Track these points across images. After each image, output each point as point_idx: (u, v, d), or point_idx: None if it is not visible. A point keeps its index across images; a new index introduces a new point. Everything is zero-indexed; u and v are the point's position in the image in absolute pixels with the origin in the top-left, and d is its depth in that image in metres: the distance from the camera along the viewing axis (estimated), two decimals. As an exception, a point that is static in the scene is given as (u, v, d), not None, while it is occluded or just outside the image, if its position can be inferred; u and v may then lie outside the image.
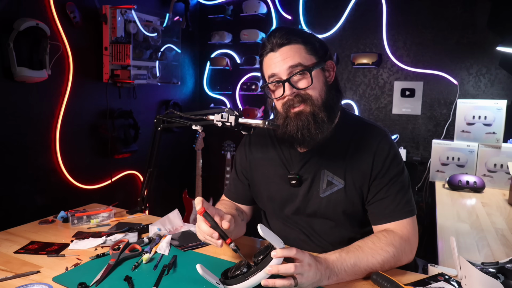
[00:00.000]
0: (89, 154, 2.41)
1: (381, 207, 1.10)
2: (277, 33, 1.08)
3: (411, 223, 1.09)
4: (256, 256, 0.88)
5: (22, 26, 1.85)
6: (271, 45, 1.09)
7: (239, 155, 1.35)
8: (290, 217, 1.21)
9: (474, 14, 2.42)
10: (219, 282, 0.89)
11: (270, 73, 1.10)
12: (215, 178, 3.30)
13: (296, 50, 1.07)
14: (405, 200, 1.09)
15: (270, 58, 1.09)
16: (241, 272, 0.87)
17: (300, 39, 1.08)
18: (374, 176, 1.11)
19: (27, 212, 2.02)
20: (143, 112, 2.75)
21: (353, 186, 1.12)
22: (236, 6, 3.11)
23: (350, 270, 0.96)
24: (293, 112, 1.09)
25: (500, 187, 2.18)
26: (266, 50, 1.10)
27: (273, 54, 1.09)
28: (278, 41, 1.07)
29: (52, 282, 0.97)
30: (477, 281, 0.86)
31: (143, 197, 1.62)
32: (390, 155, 1.11)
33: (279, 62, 1.07)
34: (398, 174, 1.11)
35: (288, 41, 1.07)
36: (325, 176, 1.15)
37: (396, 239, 1.04)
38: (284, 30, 1.09)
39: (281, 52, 1.07)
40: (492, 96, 2.42)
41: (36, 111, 2.07)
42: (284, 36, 1.07)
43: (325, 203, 1.14)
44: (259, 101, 3.15)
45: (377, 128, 1.16)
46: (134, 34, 2.43)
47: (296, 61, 1.06)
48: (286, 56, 1.07)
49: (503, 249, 1.31)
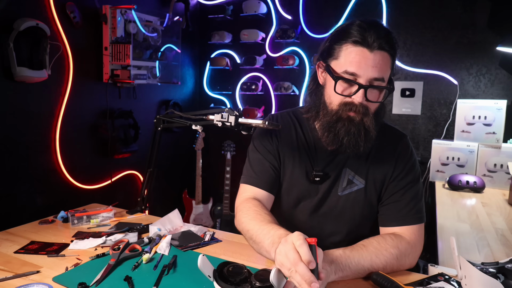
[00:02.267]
0: (89, 154, 2.41)
1: (394, 210, 1.10)
2: (379, 33, 0.98)
3: (419, 230, 1.09)
4: (256, 278, 0.85)
5: (22, 26, 1.85)
6: (367, 40, 0.97)
7: (261, 134, 1.22)
8: (304, 214, 1.18)
9: (474, 14, 2.42)
10: (211, 275, 0.89)
11: (351, 69, 0.99)
12: (215, 178, 3.30)
13: (387, 62, 1.00)
14: (418, 207, 1.10)
15: (360, 54, 0.98)
16: (235, 282, 0.87)
17: (393, 49, 1.01)
18: (394, 178, 1.11)
19: (27, 212, 2.02)
20: (143, 112, 2.75)
21: (373, 186, 1.13)
22: (236, 6, 3.11)
23: (354, 268, 0.95)
24: (348, 116, 1.03)
25: (500, 187, 2.18)
26: (357, 39, 0.98)
27: (366, 53, 0.97)
28: (379, 42, 0.97)
29: (52, 282, 0.97)
30: (477, 281, 0.86)
31: (143, 197, 1.62)
32: (410, 161, 1.13)
33: (368, 66, 0.98)
34: (415, 181, 1.12)
35: (387, 47, 0.98)
36: (346, 175, 1.14)
37: (402, 243, 1.03)
38: (385, 32, 0.99)
39: (375, 55, 0.97)
40: (492, 96, 2.42)
41: (36, 111, 2.07)
42: (386, 40, 0.98)
43: (343, 202, 1.14)
44: (259, 101, 3.15)
45: (399, 132, 1.18)
46: (134, 34, 2.43)
47: (382, 75, 0.99)
48: (377, 63, 0.98)
49: (503, 249, 1.31)
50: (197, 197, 3.02)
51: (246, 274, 0.89)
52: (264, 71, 3.12)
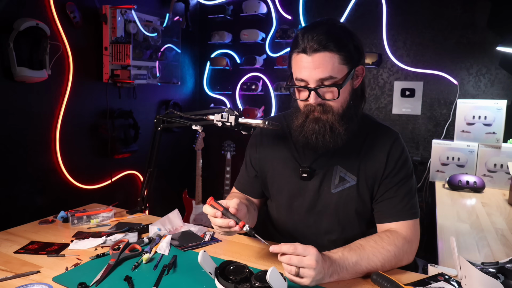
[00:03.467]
0: (89, 154, 2.41)
1: (389, 206, 1.12)
2: (314, 35, 1.00)
3: (414, 225, 1.11)
4: (256, 279, 0.86)
5: (22, 26, 1.85)
6: (304, 46, 1.01)
7: (249, 145, 1.33)
8: (299, 213, 1.21)
9: (474, 14, 2.42)
10: (212, 272, 0.89)
11: (298, 76, 1.05)
12: (215, 178, 3.30)
13: (329, 60, 1.01)
14: (412, 202, 1.12)
15: (301, 60, 1.03)
16: (236, 280, 0.87)
17: (336, 46, 1.00)
18: (386, 175, 1.13)
19: (27, 212, 2.02)
20: (143, 112, 2.75)
21: (365, 183, 1.14)
22: (236, 6, 3.11)
23: (352, 269, 0.97)
24: (313, 116, 1.08)
25: (500, 187, 2.18)
26: (298, 49, 1.03)
27: (305, 58, 1.02)
28: (312, 45, 1.00)
29: (52, 282, 0.97)
30: (477, 281, 0.86)
31: (143, 197, 1.62)
32: (402, 157, 1.14)
33: (310, 69, 1.02)
34: (408, 177, 1.14)
35: (323, 47, 1.00)
36: (337, 172, 1.16)
37: (399, 239, 1.05)
38: (321, 32, 1.00)
39: (313, 58, 1.01)
40: (492, 96, 2.42)
41: (36, 111, 2.07)
42: (320, 41, 0.99)
43: (336, 199, 1.15)
44: (259, 101, 3.15)
45: (392, 130, 1.19)
46: (134, 34, 2.43)
47: (327, 74, 1.01)
48: (318, 65, 1.01)
49: (503, 249, 1.31)
50: (197, 197, 3.02)
51: (247, 274, 0.90)
52: (264, 71, 3.12)
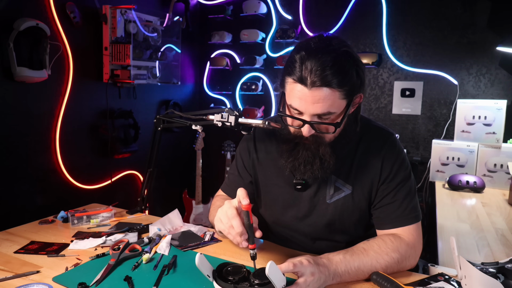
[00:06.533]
0: (89, 154, 2.41)
1: (388, 212, 1.08)
2: (315, 66, 0.91)
3: (416, 229, 1.07)
4: (254, 277, 0.87)
5: (22, 26, 1.85)
6: (302, 75, 0.93)
7: (241, 150, 1.28)
8: (293, 223, 1.18)
9: (474, 14, 2.42)
10: (210, 275, 0.89)
11: (293, 105, 0.98)
12: (215, 178, 3.30)
13: (330, 97, 0.93)
14: (412, 205, 1.08)
15: (298, 91, 0.95)
16: (234, 280, 0.87)
17: (337, 80, 0.92)
18: (383, 180, 1.09)
19: (27, 212, 2.02)
20: (143, 112, 2.75)
21: (361, 191, 1.10)
22: (236, 6, 3.11)
23: (354, 273, 0.95)
24: (303, 143, 1.03)
25: (500, 187, 2.18)
26: (295, 76, 0.94)
27: (303, 90, 0.94)
28: (313, 80, 0.91)
29: (52, 282, 0.97)
30: (477, 281, 0.86)
31: (143, 197, 1.62)
32: (398, 160, 1.09)
33: (307, 103, 0.95)
34: (405, 179, 1.09)
35: (324, 83, 0.92)
36: (332, 182, 1.12)
37: (402, 246, 1.02)
38: (325, 65, 0.91)
39: (313, 93, 0.93)
40: (492, 96, 2.42)
41: (36, 111, 2.07)
42: (322, 78, 0.91)
43: (332, 209, 1.12)
44: (259, 101, 3.15)
45: (385, 131, 1.14)
46: (134, 34, 2.43)
47: (326, 110, 0.95)
48: (317, 100, 0.93)
49: (503, 249, 1.31)
50: (197, 197, 3.02)
51: (245, 273, 0.90)
52: (264, 71, 3.12)
